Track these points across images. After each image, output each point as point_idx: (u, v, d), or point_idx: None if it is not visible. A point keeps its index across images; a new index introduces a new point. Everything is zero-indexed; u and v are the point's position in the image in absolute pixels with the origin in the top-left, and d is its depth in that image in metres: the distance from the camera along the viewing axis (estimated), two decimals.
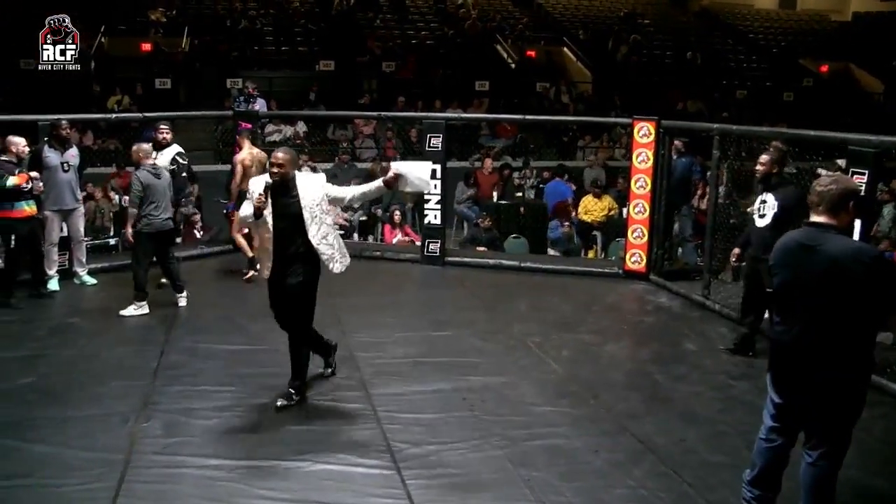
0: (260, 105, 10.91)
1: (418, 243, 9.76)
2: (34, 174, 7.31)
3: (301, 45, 19.44)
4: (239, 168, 8.47)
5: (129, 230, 7.16)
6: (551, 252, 11.25)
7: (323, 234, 5.10)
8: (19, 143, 7.40)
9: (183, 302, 7.45)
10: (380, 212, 12.13)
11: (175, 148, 8.15)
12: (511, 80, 18.51)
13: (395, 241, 11.00)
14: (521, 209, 12.23)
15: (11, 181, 7.03)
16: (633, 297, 8.08)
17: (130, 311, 7.12)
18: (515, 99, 17.01)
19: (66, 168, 7.69)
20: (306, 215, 5.02)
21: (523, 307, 7.58)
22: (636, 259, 8.47)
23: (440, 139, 8.83)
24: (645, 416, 5.14)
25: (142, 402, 5.19)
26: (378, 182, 5.23)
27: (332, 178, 12.57)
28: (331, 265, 5.15)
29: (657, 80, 19.19)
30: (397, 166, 5.22)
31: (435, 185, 8.77)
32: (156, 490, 4.13)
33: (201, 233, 10.76)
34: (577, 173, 13.78)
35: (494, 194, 12.75)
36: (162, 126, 8.16)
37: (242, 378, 5.62)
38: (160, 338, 6.49)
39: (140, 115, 10.93)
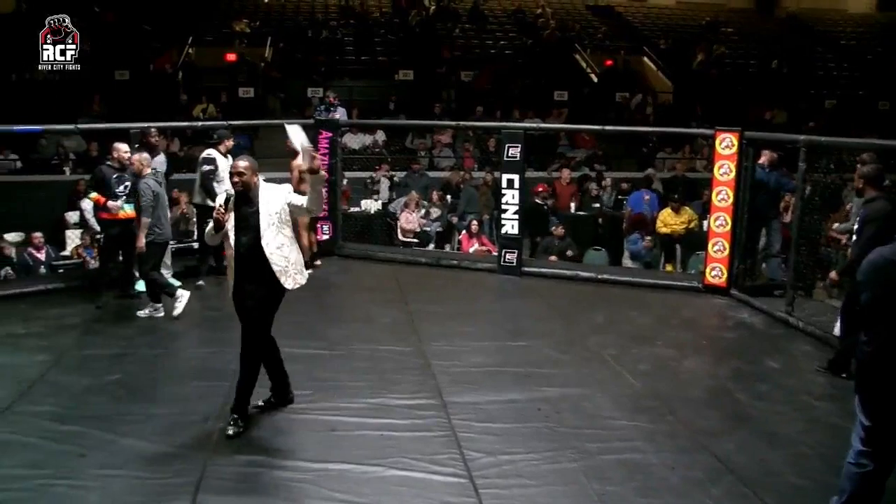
0: (341, 114, 11.04)
1: (495, 253, 9.76)
2: (112, 204, 7.55)
3: (381, 54, 19.68)
4: (296, 173, 8.72)
5: (143, 240, 7.21)
6: (628, 264, 11.13)
7: (278, 244, 4.90)
8: (122, 149, 7.70)
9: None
10: (456, 220, 12.20)
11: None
12: (590, 90, 18.37)
13: (471, 250, 11.04)
14: (599, 220, 12.13)
15: (87, 205, 7.35)
16: (713, 312, 7.92)
17: (147, 312, 7.28)
18: (594, 109, 16.86)
19: (155, 174, 7.93)
20: (263, 222, 4.86)
21: (600, 319, 7.50)
22: (716, 273, 8.29)
23: (518, 149, 8.81)
24: (724, 434, 5.02)
25: (221, 402, 5.31)
26: (308, 177, 5.06)
27: (405, 187, 12.80)
28: (282, 279, 4.96)
29: (741, 89, 18.72)
30: (293, 141, 5.39)
31: (512, 195, 8.78)
32: (233, 488, 4.24)
33: None
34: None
35: (572, 205, 12.67)
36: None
37: (319, 382, 5.70)
38: (238, 338, 6.61)
39: (225, 122, 11.21)
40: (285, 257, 4.95)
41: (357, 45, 19.87)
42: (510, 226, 8.96)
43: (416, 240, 11.89)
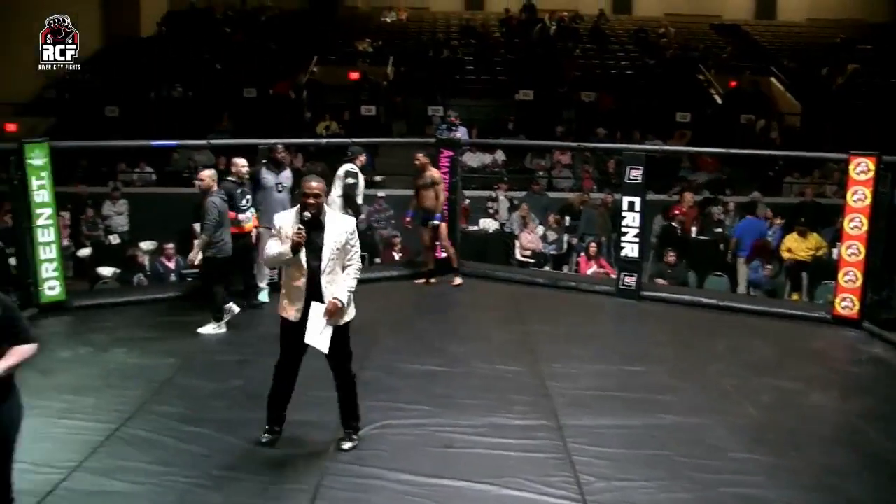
0: (462, 133, 11.21)
1: (613, 276, 9.68)
2: (242, 216, 7.88)
3: (500, 74, 19.84)
4: (442, 185, 9.02)
5: (198, 255, 7.40)
6: (743, 291, 10.81)
7: (331, 278, 4.83)
8: (241, 163, 7.99)
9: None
10: (575, 241, 12.15)
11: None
12: (714, 112, 17.96)
13: (590, 272, 10.97)
14: (721, 246, 11.84)
15: (248, 219, 7.76)
16: (843, 345, 7.56)
17: (209, 329, 7.40)
18: (718, 131, 16.45)
19: (280, 189, 8.23)
20: (326, 251, 4.76)
21: (720, 347, 7.29)
22: (847, 304, 7.92)
23: (640, 171, 8.70)
24: (852, 474, 4.80)
25: (339, 413, 5.46)
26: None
27: (524, 204, 12.84)
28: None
29: (879, 111, 17.82)
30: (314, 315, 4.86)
31: (633, 218, 8.71)
32: (349, 497, 4.38)
33: (400, 255, 11.20)
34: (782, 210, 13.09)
35: (693, 229, 12.42)
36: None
37: (437, 398, 5.79)
38: (358, 353, 6.76)
39: (348, 139, 11.54)
40: (332, 292, 4.84)
41: (477, 64, 20.11)
42: (630, 249, 8.83)
43: (532, 260, 11.92)
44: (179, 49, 20.72)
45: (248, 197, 7.98)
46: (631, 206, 8.76)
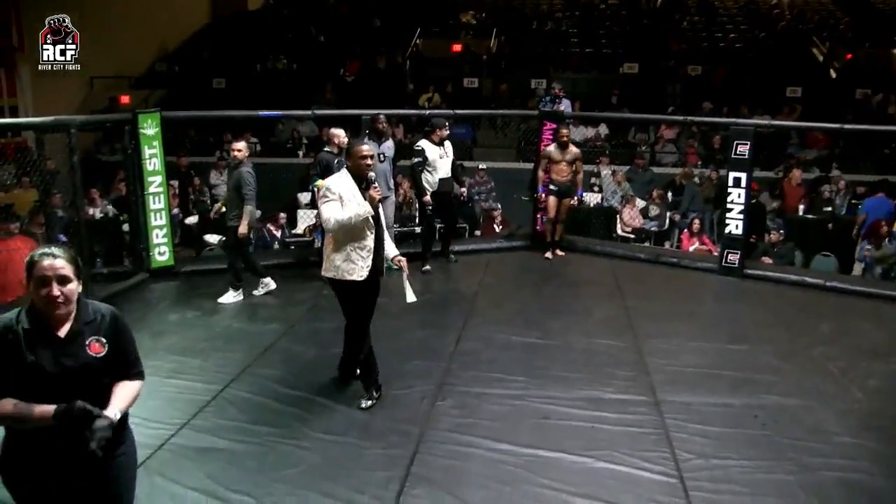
0: (565, 106, 11.09)
1: (716, 253, 9.48)
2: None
3: (605, 47, 19.50)
4: (544, 161, 9.03)
5: (246, 227, 7.35)
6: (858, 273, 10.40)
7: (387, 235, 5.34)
8: (339, 134, 8.09)
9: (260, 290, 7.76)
10: (678, 218, 11.93)
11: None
12: (827, 86, 17.21)
13: (692, 248, 10.77)
14: (830, 225, 11.42)
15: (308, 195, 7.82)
16: None
17: (229, 298, 7.54)
18: (831, 106, 15.76)
19: (382, 159, 8.29)
20: (381, 210, 5.17)
21: (826, 329, 7.06)
22: None
23: (748, 147, 8.46)
24: None
25: (439, 382, 5.57)
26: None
27: (628, 181, 12.66)
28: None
29: None
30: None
31: (738, 194, 8.49)
32: (445, 464, 4.44)
33: (500, 227, 11.23)
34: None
35: (801, 207, 12.01)
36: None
37: (535, 370, 5.81)
38: (458, 324, 6.88)
39: (451, 111, 11.60)
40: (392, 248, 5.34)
41: (581, 36, 19.81)
42: (734, 226, 8.62)
43: (633, 235, 11.78)
44: (285, 22, 21.14)
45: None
46: (737, 183, 8.55)
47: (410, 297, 5.27)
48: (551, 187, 9.03)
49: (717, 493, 4.18)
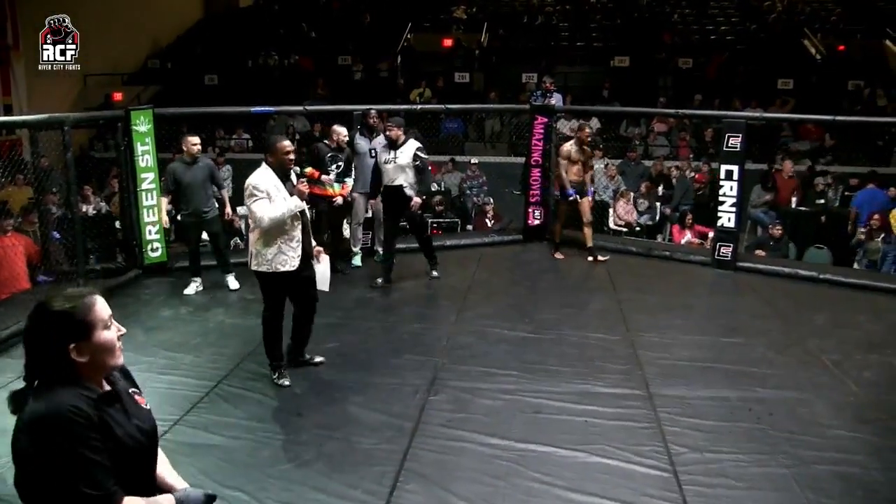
0: (557, 100, 11.06)
1: (707, 245, 9.48)
2: (325, 178, 7.94)
3: (596, 40, 19.49)
4: (564, 162, 8.78)
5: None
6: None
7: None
8: (340, 132, 8.10)
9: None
10: (668, 211, 11.94)
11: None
12: (818, 78, 17.22)
13: (683, 241, 10.78)
14: (822, 218, 11.43)
15: (331, 183, 7.88)
16: None
17: (191, 289, 7.76)
18: (821, 98, 15.76)
19: (374, 154, 8.25)
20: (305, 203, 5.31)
21: (821, 321, 7.07)
22: None
23: (739, 139, 8.46)
24: None
25: (432, 376, 5.56)
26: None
27: (620, 175, 12.65)
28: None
29: None
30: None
31: (730, 187, 8.49)
32: (439, 459, 4.43)
33: (492, 221, 11.22)
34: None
35: (793, 199, 12.02)
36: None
37: (527, 364, 5.80)
38: (451, 318, 6.88)
39: (442, 106, 11.59)
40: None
41: (572, 30, 19.80)
42: (727, 218, 8.63)
43: (625, 228, 11.78)
44: (276, 18, 21.09)
45: (341, 164, 8.07)
46: (729, 175, 8.55)
47: (324, 285, 5.56)
48: (569, 191, 8.83)
49: (710, 486, 4.16)
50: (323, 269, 5.51)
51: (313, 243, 5.43)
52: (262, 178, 5.12)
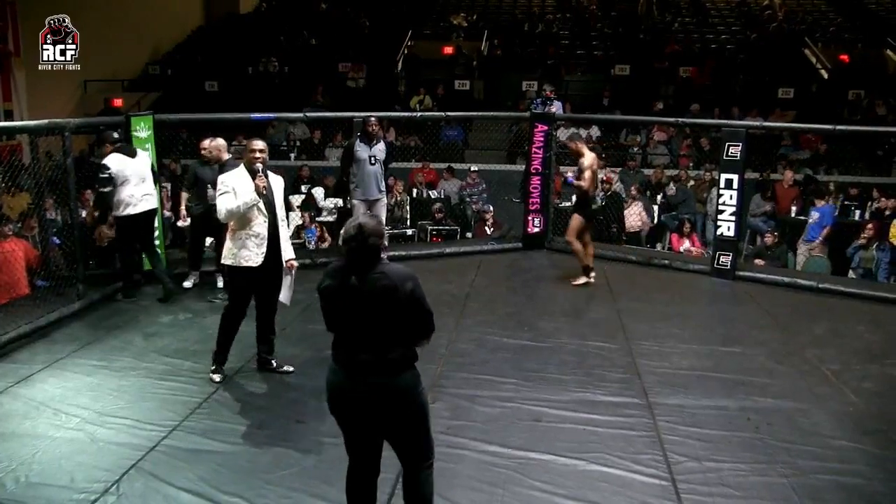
0: (557, 108, 11.06)
1: (706, 254, 9.47)
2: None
3: (596, 48, 19.52)
4: (588, 173, 8.25)
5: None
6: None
7: (283, 228, 5.64)
8: (210, 145, 7.69)
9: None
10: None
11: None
12: (819, 87, 17.23)
13: (682, 249, 10.78)
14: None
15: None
16: None
17: (190, 282, 8.03)
18: (823, 107, 15.75)
19: (373, 161, 8.32)
20: (277, 200, 5.52)
21: (820, 331, 7.06)
22: None
23: (739, 148, 8.46)
24: None
25: (430, 384, 5.49)
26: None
27: (620, 182, 12.66)
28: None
29: None
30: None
31: (730, 196, 8.50)
32: (438, 466, 4.30)
33: (492, 229, 11.22)
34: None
35: (793, 208, 12.02)
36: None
37: (526, 372, 5.80)
38: (450, 325, 6.87)
39: (442, 114, 11.61)
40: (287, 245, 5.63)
41: (573, 38, 19.84)
42: (726, 227, 8.64)
43: (624, 237, 11.78)
44: (277, 25, 21.13)
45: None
46: (729, 184, 8.56)
47: (285, 299, 5.56)
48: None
49: (709, 496, 4.16)
50: (290, 282, 5.55)
51: (286, 257, 5.52)
52: (232, 175, 5.40)
